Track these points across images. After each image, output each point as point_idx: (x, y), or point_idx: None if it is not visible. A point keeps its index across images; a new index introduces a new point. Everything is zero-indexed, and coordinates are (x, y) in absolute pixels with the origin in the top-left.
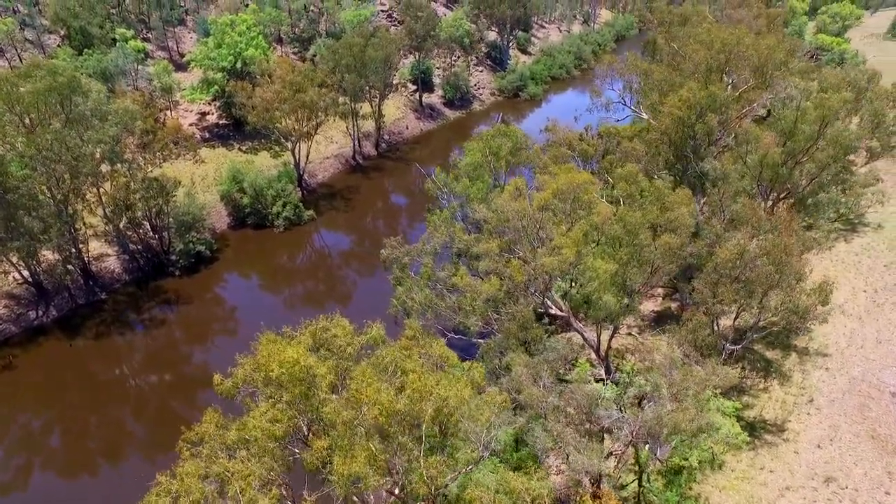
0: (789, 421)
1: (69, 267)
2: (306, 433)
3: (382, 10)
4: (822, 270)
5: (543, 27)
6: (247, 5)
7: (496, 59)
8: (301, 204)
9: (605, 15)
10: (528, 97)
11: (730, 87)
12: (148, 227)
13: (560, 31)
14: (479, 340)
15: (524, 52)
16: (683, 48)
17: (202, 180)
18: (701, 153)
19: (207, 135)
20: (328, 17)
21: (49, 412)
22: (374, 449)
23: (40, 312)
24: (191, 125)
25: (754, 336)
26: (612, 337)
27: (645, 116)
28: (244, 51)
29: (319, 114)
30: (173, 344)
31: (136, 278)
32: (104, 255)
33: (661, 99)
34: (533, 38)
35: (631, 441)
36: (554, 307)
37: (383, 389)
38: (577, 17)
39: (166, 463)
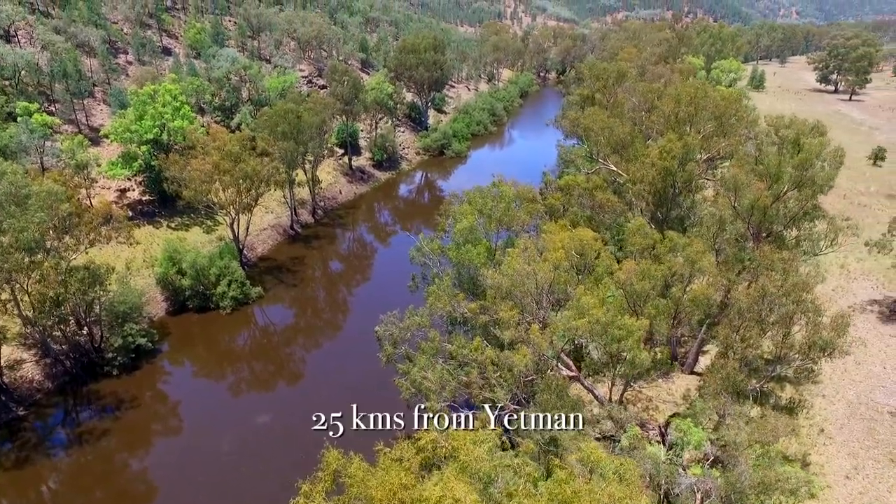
0: (810, 454)
1: None
2: None
3: (303, 76)
4: None
5: (453, 86)
6: (160, 76)
7: (416, 120)
8: (247, 281)
9: (506, 73)
10: (454, 154)
11: (697, 136)
12: (73, 322)
13: (469, 90)
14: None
15: (440, 111)
16: (626, 100)
17: (130, 263)
18: (679, 200)
19: (131, 213)
20: (252, 85)
21: None
22: None
23: None
24: (111, 203)
25: (773, 374)
26: (623, 391)
27: (614, 168)
28: (170, 122)
29: (261, 184)
30: (108, 457)
31: (63, 384)
32: (19, 361)
33: (623, 152)
34: (446, 98)
35: None
36: (564, 368)
37: None
38: (483, 76)
39: None
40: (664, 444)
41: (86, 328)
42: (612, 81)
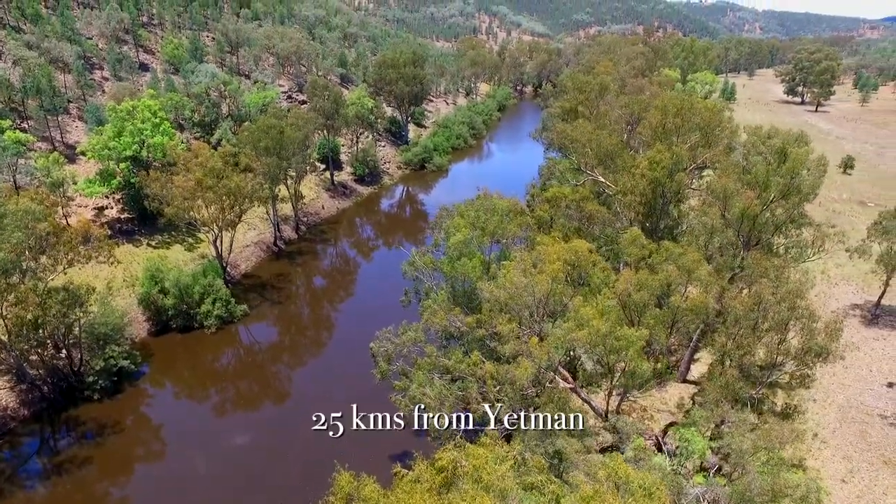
0: (805, 459)
1: None
2: None
3: (283, 92)
4: None
5: (432, 101)
6: (138, 91)
7: (396, 134)
8: (232, 299)
9: (483, 87)
10: (435, 168)
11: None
12: (51, 346)
13: (447, 104)
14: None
15: (419, 125)
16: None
17: (110, 283)
18: (667, 210)
19: (109, 232)
20: (232, 101)
21: None
22: None
23: None
24: (90, 222)
25: (769, 380)
26: (620, 402)
27: (601, 179)
28: (150, 138)
29: (245, 201)
30: (87, 486)
31: (40, 411)
32: None
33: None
34: (425, 112)
35: None
36: (561, 380)
37: None
38: (461, 90)
39: None
40: (665, 454)
41: (65, 351)
42: (595, 94)
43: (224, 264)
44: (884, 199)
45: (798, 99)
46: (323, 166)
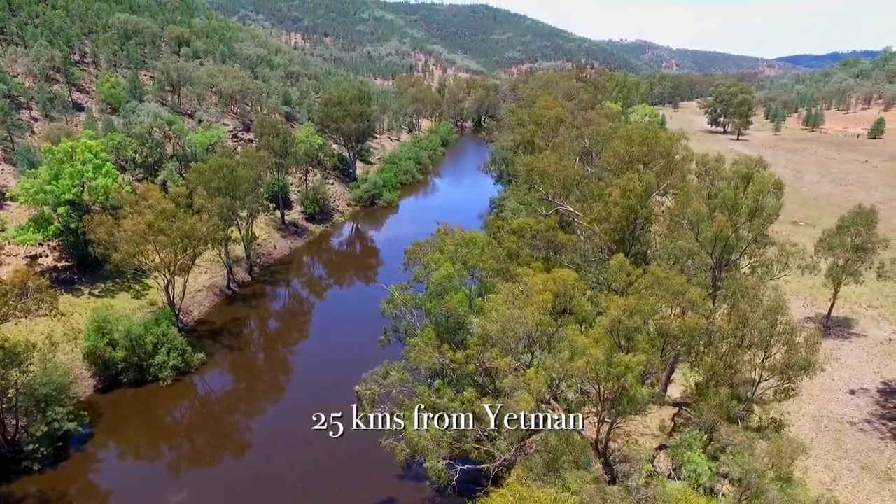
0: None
1: None
2: None
3: (228, 131)
4: None
5: (377, 137)
6: (73, 132)
7: (343, 171)
8: (189, 348)
9: (425, 123)
10: (386, 204)
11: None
12: None
13: (391, 140)
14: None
15: (366, 161)
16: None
17: (50, 338)
18: (639, 235)
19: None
20: (177, 140)
21: None
22: None
23: None
24: (28, 271)
25: (755, 396)
26: (610, 429)
27: (570, 209)
28: (93, 180)
29: (200, 243)
30: None
31: None
32: None
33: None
34: (371, 148)
35: None
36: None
37: None
38: (404, 126)
39: None
40: (672, 478)
41: None
42: (552, 126)
43: (177, 311)
44: (812, 218)
45: (721, 129)
46: (273, 205)
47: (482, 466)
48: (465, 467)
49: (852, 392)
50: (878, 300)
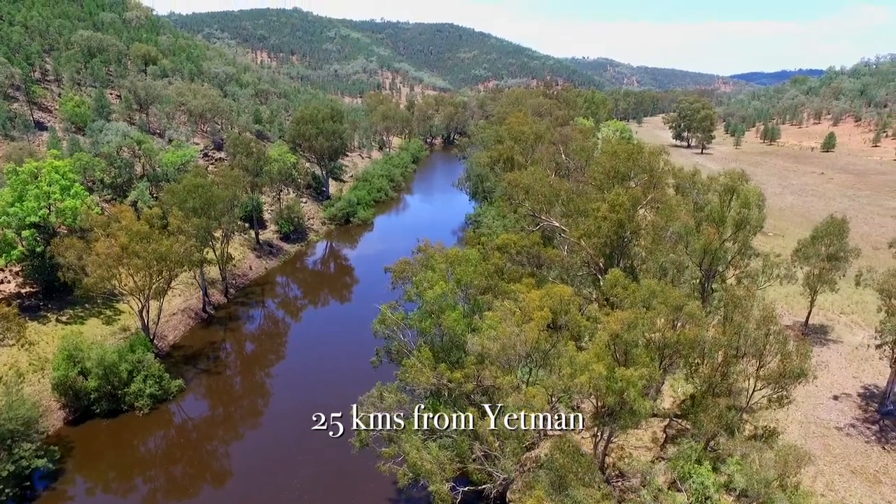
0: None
1: None
2: None
3: (199, 150)
4: None
5: (348, 155)
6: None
7: (317, 189)
8: (166, 374)
9: (395, 141)
10: (360, 222)
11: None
12: None
13: (363, 158)
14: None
15: (339, 179)
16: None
17: (10, 369)
18: (626, 249)
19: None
20: (147, 160)
21: None
22: None
23: None
24: None
25: (750, 405)
26: (607, 443)
27: (557, 224)
28: (61, 202)
29: (175, 266)
30: None
31: None
32: None
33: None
34: (343, 166)
35: None
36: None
37: None
38: (374, 144)
39: None
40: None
41: None
42: (531, 143)
43: (152, 336)
44: (779, 228)
45: (685, 143)
46: (247, 225)
47: (482, 487)
48: (465, 488)
49: (836, 398)
50: (850, 307)
